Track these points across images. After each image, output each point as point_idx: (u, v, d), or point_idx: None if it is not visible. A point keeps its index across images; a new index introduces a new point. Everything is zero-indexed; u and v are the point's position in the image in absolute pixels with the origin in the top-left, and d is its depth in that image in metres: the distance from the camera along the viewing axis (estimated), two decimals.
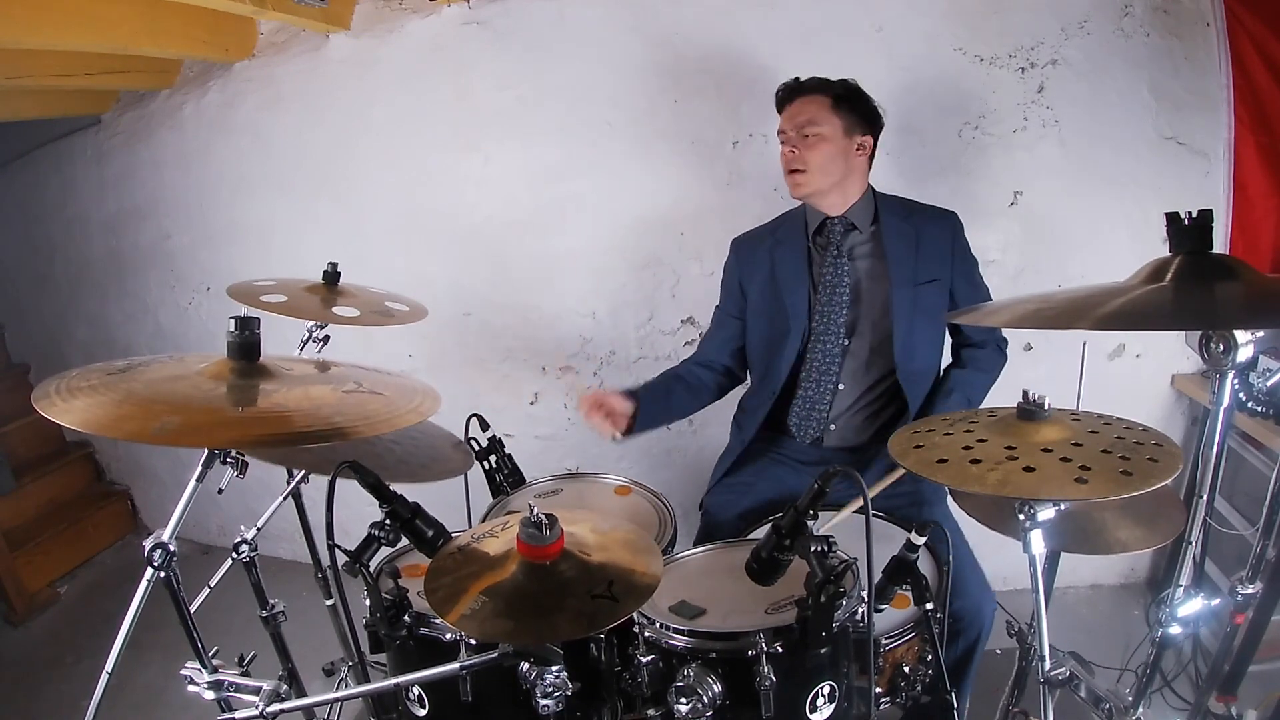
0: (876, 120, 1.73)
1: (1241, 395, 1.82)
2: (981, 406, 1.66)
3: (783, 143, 1.71)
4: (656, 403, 1.77)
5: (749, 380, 1.91)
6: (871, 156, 1.75)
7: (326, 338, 1.72)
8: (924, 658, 1.28)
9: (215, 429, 0.93)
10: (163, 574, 1.01)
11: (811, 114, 1.66)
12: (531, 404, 2.61)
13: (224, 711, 1.11)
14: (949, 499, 1.61)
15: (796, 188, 1.70)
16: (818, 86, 1.70)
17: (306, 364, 1.15)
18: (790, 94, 1.72)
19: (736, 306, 1.86)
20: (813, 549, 1.02)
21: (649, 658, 1.15)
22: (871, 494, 1.24)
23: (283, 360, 1.10)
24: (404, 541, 1.12)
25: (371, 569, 1.13)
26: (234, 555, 1.49)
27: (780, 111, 1.74)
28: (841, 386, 1.74)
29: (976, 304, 1.70)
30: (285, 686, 1.13)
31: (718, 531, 1.67)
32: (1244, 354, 0.95)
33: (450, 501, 1.45)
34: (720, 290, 1.92)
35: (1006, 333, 1.81)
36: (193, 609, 1.08)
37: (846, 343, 1.72)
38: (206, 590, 1.58)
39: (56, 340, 3.17)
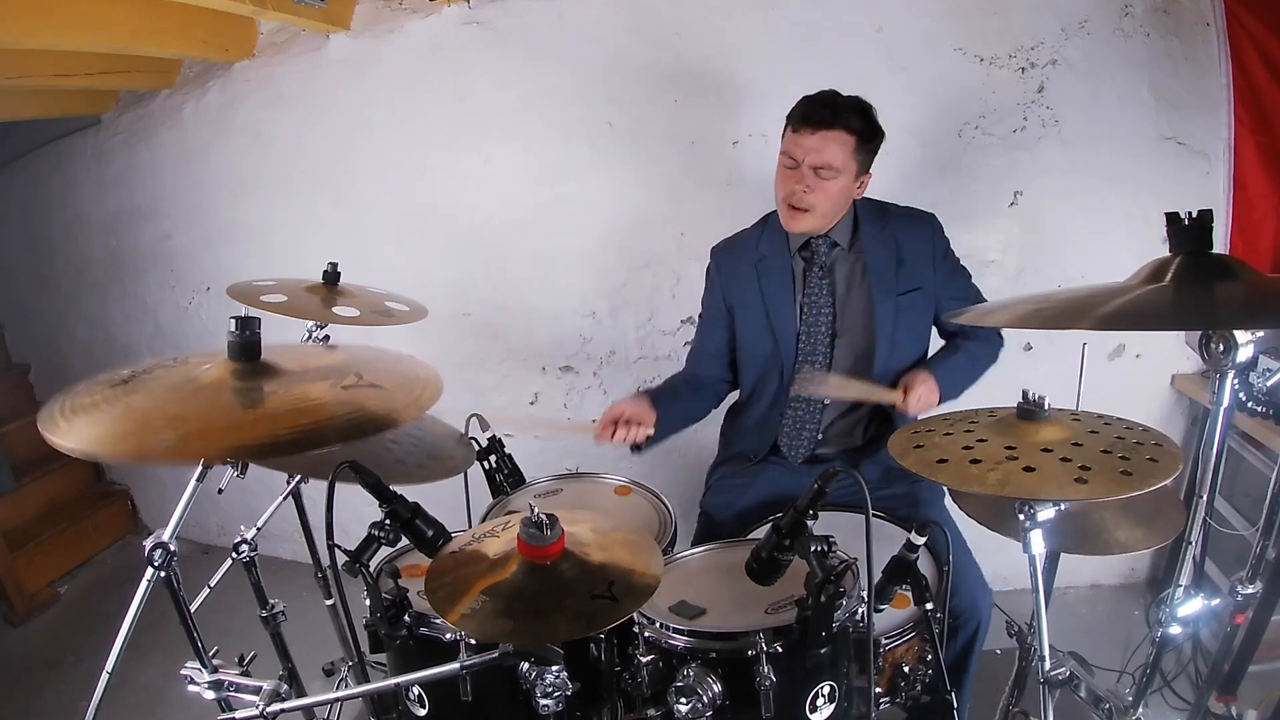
0: (878, 150, 1.60)
1: (1241, 395, 1.82)
2: (981, 406, 1.65)
3: (786, 166, 1.54)
4: (675, 402, 1.69)
5: (739, 391, 1.86)
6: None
7: (326, 338, 1.72)
8: (924, 657, 1.28)
9: (223, 433, 0.92)
10: (163, 574, 1.01)
11: (833, 156, 1.49)
12: (531, 404, 2.61)
13: (224, 711, 1.12)
14: (946, 497, 1.61)
15: (793, 223, 1.58)
16: (848, 119, 1.49)
17: (308, 353, 1.13)
18: (818, 123, 1.49)
19: (722, 319, 1.78)
20: (813, 549, 1.02)
21: (649, 658, 1.15)
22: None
23: (284, 350, 1.08)
24: (404, 541, 1.12)
25: (371, 569, 1.13)
26: (234, 555, 1.49)
27: (797, 128, 1.52)
28: (827, 402, 1.71)
29: (965, 304, 1.64)
30: (285, 686, 1.13)
31: (716, 533, 1.67)
32: (1244, 354, 0.96)
33: (450, 501, 1.45)
34: (703, 300, 1.83)
35: (1006, 333, 1.81)
36: (193, 609, 1.08)
37: (830, 355, 1.68)
38: (206, 590, 1.58)
39: (56, 340, 3.16)
